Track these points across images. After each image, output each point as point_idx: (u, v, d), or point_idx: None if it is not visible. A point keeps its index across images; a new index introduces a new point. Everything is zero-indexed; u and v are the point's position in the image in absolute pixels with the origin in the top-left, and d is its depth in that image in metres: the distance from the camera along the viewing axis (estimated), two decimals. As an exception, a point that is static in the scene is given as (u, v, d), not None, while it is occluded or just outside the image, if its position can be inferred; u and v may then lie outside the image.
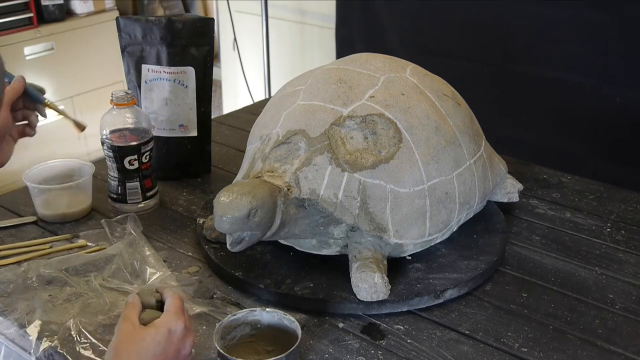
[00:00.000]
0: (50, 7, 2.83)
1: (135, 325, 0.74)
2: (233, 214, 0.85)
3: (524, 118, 2.02)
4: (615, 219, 1.15)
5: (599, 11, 1.78)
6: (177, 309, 0.76)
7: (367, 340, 0.87)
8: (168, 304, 0.77)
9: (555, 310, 0.92)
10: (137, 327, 0.74)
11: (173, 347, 0.73)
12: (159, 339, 0.73)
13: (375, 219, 0.92)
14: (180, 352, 0.74)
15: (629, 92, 1.80)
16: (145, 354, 0.72)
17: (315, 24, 2.75)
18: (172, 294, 0.78)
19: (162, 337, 0.73)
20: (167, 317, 0.75)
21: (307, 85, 1.01)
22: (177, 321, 0.74)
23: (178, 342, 0.74)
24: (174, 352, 0.73)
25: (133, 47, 1.24)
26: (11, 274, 0.98)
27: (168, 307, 0.76)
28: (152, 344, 0.72)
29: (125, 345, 0.73)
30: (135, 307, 0.77)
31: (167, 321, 0.74)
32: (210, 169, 1.32)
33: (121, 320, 0.75)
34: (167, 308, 0.76)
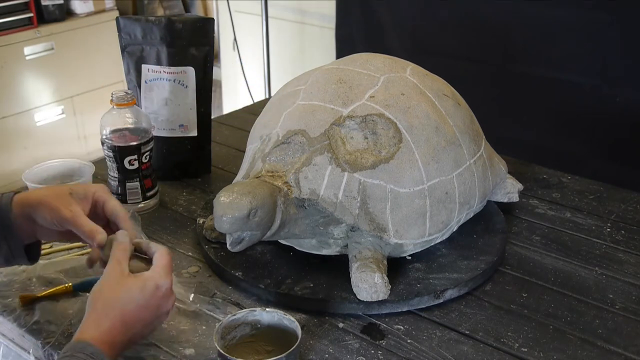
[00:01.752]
0: (50, 7, 2.84)
1: (123, 273, 0.75)
2: (233, 214, 0.85)
3: (524, 118, 2.02)
4: (615, 219, 1.15)
5: (599, 11, 1.78)
6: (165, 265, 0.77)
7: (367, 340, 0.87)
8: (156, 258, 0.78)
9: (555, 310, 0.92)
10: (125, 275, 0.75)
11: (156, 301, 0.75)
12: (145, 292, 0.74)
13: (375, 219, 0.92)
14: (162, 309, 0.76)
15: (629, 92, 1.80)
16: (129, 303, 0.73)
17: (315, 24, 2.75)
18: (160, 249, 0.79)
19: (148, 291, 0.74)
20: (156, 272, 0.76)
21: (307, 85, 1.01)
22: (166, 278, 0.76)
23: (162, 298, 0.76)
24: (155, 307, 0.75)
25: (133, 47, 1.24)
26: (11, 274, 0.98)
27: (156, 261, 0.77)
28: (137, 295, 0.74)
29: (110, 291, 0.74)
30: (126, 251, 0.77)
31: (155, 276, 0.76)
32: (210, 169, 1.32)
33: (111, 262, 0.76)
34: (156, 262, 0.77)
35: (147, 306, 0.74)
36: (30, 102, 2.84)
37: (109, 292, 0.74)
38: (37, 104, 2.87)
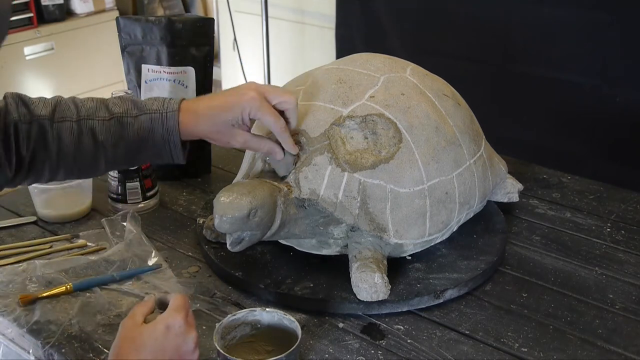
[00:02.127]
0: (50, 7, 2.84)
1: (136, 323, 0.74)
2: (233, 214, 0.85)
3: (524, 118, 2.02)
4: (615, 219, 1.15)
5: (599, 11, 1.78)
6: (177, 306, 0.75)
7: (367, 340, 0.87)
8: (171, 302, 0.77)
9: (555, 310, 0.92)
10: (137, 325, 0.74)
11: (171, 343, 0.73)
12: (156, 335, 0.73)
13: (375, 219, 0.92)
14: (181, 348, 0.73)
15: (629, 92, 1.80)
16: (143, 350, 0.72)
17: (315, 24, 2.75)
18: (175, 295, 0.78)
19: (159, 333, 0.73)
20: (166, 314, 0.75)
21: (307, 86, 1.01)
22: (175, 317, 0.74)
23: (176, 338, 0.73)
24: (173, 347, 0.73)
25: (133, 47, 1.24)
26: (11, 274, 0.98)
27: (170, 305, 0.76)
28: (149, 340, 0.72)
29: (125, 343, 0.73)
30: (145, 306, 0.77)
31: (165, 317, 0.74)
32: (210, 169, 1.32)
33: (127, 316, 0.75)
34: (169, 306, 0.76)
35: (163, 349, 0.72)
36: (30, 102, 2.84)
37: (123, 344, 0.73)
38: (37, 104, 2.86)
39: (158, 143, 0.91)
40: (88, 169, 0.92)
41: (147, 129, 0.90)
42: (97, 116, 0.90)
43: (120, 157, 0.91)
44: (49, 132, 0.88)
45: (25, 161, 0.88)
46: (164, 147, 0.91)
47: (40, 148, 0.88)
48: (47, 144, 0.88)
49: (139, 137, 0.90)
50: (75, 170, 0.92)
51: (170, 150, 0.91)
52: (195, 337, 0.75)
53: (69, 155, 0.89)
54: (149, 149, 0.91)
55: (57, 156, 0.89)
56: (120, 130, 0.90)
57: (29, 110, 0.88)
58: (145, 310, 0.76)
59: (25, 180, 0.91)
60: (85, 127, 0.89)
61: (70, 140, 0.88)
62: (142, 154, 0.92)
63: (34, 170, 0.89)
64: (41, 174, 0.90)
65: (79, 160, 0.90)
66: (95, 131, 0.89)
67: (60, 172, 0.91)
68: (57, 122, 0.89)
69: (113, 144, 0.90)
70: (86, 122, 0.89)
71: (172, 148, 0.91)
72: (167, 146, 0.91)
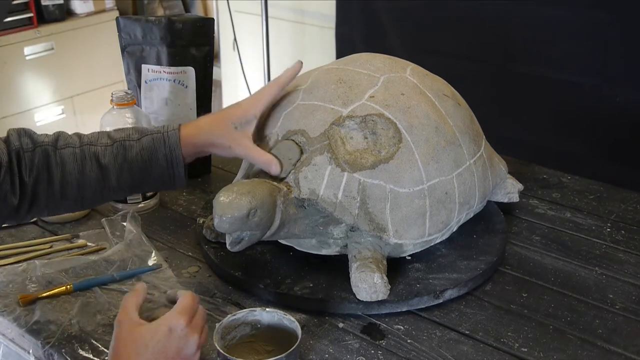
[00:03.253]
0: (50, 7, 2.83)
1: (133, 321, 0.73)
2: (233, 213, 0.85)
3: (524, 118, 2.02)
4: (615, 219, 1.15)
5: (599, 11, 1.78)
6: (182, 308, 0.75)
7: (367, 340, 0.87)
8: (177, 303, 0.76)
9: (555, 310, 0.92)
10: (135, 323, 0.73)
11: (173, 345, 0.72)
12: (158, 337, 0.72)
13: (375, 219, 0.92)
14: (183, 351, 0.73)
15: (629, 92, 1.80)
16: (145, 352, 0.71)
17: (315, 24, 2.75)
18: (185, 293, 0.77)
19: (161, 335, 0.72)
20: (170, 315, 0.74)
21: (306, 85, 1.01)
22: (179, 320, 0.73)
23: (179, 341, 0.72)
24: (174, 350, 0.72)
25: (133, 47, 1.24)
26: (11, 274, 0.98)
27: (175, 305, 0.76)
28: (151, 342, 0.71)
29: (126, 343, 0.72)
30: (136, 296, 0.76)
31: (168, 319, 0.73)
32: (210, 169, 1.32)
33: (119, 313, 0.74)
34: (174, 307, 0.75)
35: (164, 351, 0.72)
36: (30, 102, 2.84)
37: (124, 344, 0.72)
38: (37, 104, 2.87)
39: (161, 163, 0.91)
40: (92, 197, 0.91)
41: (149, 149, 0.90)
42: (99, 143, 0.90)
43: (124, 182, 0.91)
44: (52, 157, 0.88)
45: (28, 188, 0.87)
46: (167, 168, 0.91)
47: (44, 174, 0.87)
48: (50, 170, 0.87)
49: (142, 159, 0.90)
50: (79, 199, 0.90)
51: (172, 169, 0.91)
52: (197, 340, 0.74)
53: (73, 182, 0.88)
54: (153, 170, 0.91)
55: (61, 183, 0.88)
56: (124, 153, 0.90)
57: (32, 139, 0.88)
58: (138, 300, 0.75)
59: (29, 213, 0.89)
60: (89, 153, 0.89)
61: (74, 166, 0.88)
62: (146, 177, 0.91)
63: (37, 200, 0.88)
64: (44, 205, 0.88)
65: (83, 187, 0.89)
66: (98, 156, 0.89)
67: (64, 202, 0.90)
68: (60, 149, 0.88)
69: (117, 167, 0.89)
70: (89, 148, 0.89)
71: (174, 166, 0.91)
72: (170, 166, 0.91)
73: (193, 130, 0.93)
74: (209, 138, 0.93)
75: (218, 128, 0.94)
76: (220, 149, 0.94)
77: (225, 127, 0.93)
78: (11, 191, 0.85)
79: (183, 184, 0.94)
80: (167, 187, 0.94)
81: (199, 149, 0.94)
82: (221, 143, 0.93)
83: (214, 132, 0.93)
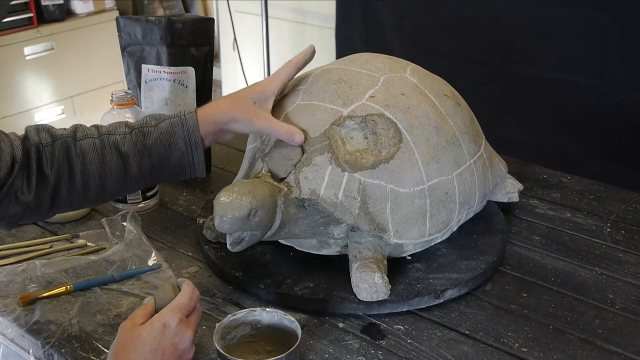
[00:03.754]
0: (50, 7, 2.83)
1: (135, 324, 0.75)
2: (233, 214, 0.85)
3: (524, 118, 2.02)
4: (615, 219, 1.15)
5: (599, 11, 1.78)
6: (177, 304, 0.76)
7: (367, 340, 0.87)
8: (175, 299, 0.78)
9: (555, 310, 0.92)
10: (135, 325, 0.75)
11: (168, 341, 0.74)
12: (154, 333, 0.73)
13: (375, 219, 0.92)
14: (179, 346, 0.74)
15: (628, 93, 1.80)
16: (142, 349, 0.72)
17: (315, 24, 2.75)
18: (185, 290, 0.78)
19: (157, 332, 0.74)
20: (164, 312, 0.76)
21: (307, 85, 1.01)
22: (172, 316, 0.75)
23: (173, 336, 0.74)
24: (170, 346, 0.74)
25: (133, 47, 1.24)
26: (11, 274, 0.98)
27: (172, 302, 0.77)
28: (147, 339, 0.73)
29: (124, 343, 0.73)
30: (146, 310, 0.77)
31: (162, 316, 0.75)
32: (210, 169, 1.32)
33: (127, 319, 0.76)
34: (171, 303, 0.77)
35: (161, 347, 0.73)
36: (30, 102, 2.84)
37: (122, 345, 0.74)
38: (37, 104, 2.87)
39: (180, 147, 0.90)
40: (114, 187, 0.90)
41: (168, 133, 0.90)
42: (117, 132, 0.90)
43: (145, 169, 0.90)
44: (72, 149, 0.87)
45: (50, 181, 0.86)
46: (187, 151, 0.91)
47: (65, 166, 0.87)
48: (71, 161, 0.87)
49: (162, 144, 0.90)
50: (101, 190, 0.89)
51: (192, 152, 0.91)
52: (191, 336, 0.76)
53: (95, 173, 0.88)
54: (173, 154, 0.90)
55: (83, 174, 0.87)
56: (143, 139, 0.89)
57: (51, 133, 0.88)
58: (146, 313, 0.77)
59: (51, 208, 0.88)
60: (108, 142, 0.89)
61: (94, 155, 0.88)
62: (166, 163, 0.91)
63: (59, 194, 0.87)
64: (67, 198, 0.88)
65: (104, 177, 0.89)
66: (118, 144, 0.89)
67: (86, 194, 0.89)
68: (79, 140, 0.88)
69: (137, 154, 0.89)
70: (108, 137, 0.89)
71: (193, 149, 0.91)
72: (189, 149, 0.91)
73: (212, 109, 0.93)
74: (229, 115, 0.93)
75: (238, 104, 0.94)
76: (241, 123, 0.93)
77: (245, 103, 0.94)
78: (26, 188, 0.85)
79: (203, 171, 0.93)
80: (188, 173, 0.93)
81: (219, 127, 0.93)
82: (242, 117, 0.92)
83: (234, 109, 0.93)
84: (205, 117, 0.92)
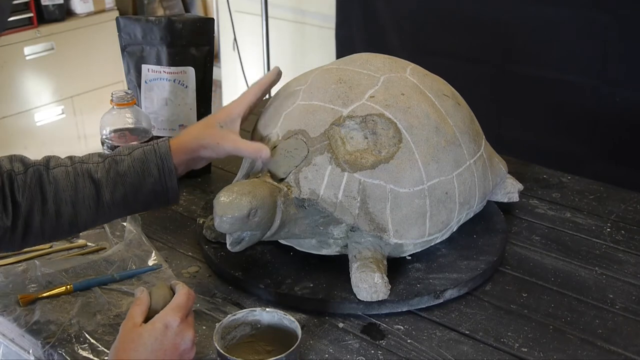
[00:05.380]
0: (50, 7, 2.83)
1: (135, 324, 0.75)
2: (233, 214, 0.85)
3: (524, 118, 2.02)
4: (615, 219, 1.15)
5: (599, 11, 1.78)
6: (176, 304, 0.76)
7: (367, 340, 0.87)
8: (172, 299, 0.78)
9: (555, 310, 0.92)
10: (136, 326, 0.75)
11: (170, 341, 0.74)
12: (155, 334, 0.73)
13: (375, 219, 0.92)
14: (180, 347, 0.75)
15: (628, 93, 1.80)
16: (144, 350, 0.73)
17: (315, 24, 2.75)
18: (181, 291, 0.78)
19: (158, 333, 0.74)
20: (165, 313, 0.76)
21: (306, 85, 1.01)
22: (174, 316, 0.75)
23: (175, 337, 0.74)
24: (171, 346, 0.74)
25: (133, 47, 1.24)
26: (11, 274, 0.98)
27: (171, 302, 0.77)
28: (149, 340, 0.73)
29: (125, 344, 0.73)
30: (142, 304, 0.77)
31: (163, 316, 0.75)
32: (210, 169, 1.32)
33: (126, 318, 0.76)
34: (170, 304, 0.77)
35: (162, 348, 0.73)
36: (30, 102, 2.84)
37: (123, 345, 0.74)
38: (37, 104, 2.87)
39: (153, 173, 0.90)
40: (87, 216, 0.89)
41: (141, 160, 0.90)
42: (91, 161, 0.90)
43: (118, 197, 0.89)
44: (44, 176, 0.87)
45: (22, 209, 0.86)
46: (160, 178, 0.91)
47: (37, 194, 0.86)
48: (43, 189, 0.87)
49: (135, 171, 0.90)
50: (74, 219, 0.89)
51: (165, 179, 0.91)
52: (192, 336, 0.76)
53: (67, 200, 0.88)
54: (147, 181, 0.90)
55: (55, 201, 0.87)
56: (116, 167, 0.89)
57: (23, 162, 0.88)
58: (143, 310, 0.77)
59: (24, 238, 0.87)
60: (81, 170, 0.89)
61: (67, 183, 0.88)
62: (140, 190, 0.90)
63: (31, 223, 0.87)
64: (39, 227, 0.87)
65: (77, 205, 0.88)
66: (90, 172, 0.89)
67: (59, 223, 0.88)
68: (52, 169, 0.88)
69: (110, 181, 0.89)
70: (81, 166, 0.89)
71: (166, 176, 0.91)
72: (162, 175, 0.91)
73: (182, 137, 0.95)
74: (198, 141, 0.94)
75: (205, 130, 0.96)
76: (210, 149, 0.94)
77: (211, 128, 0.96)
78: (3, 212, 0.85)
79: (177, 198, 0.94)
80: (162, 202, 0.93)
81: (190, 154, 0.94)
82: (209, 143, 0.94)
83: (201, 135, 0.95)
84: (177, 146, 0.93)
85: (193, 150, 0.94)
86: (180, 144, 0.93)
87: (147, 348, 0.73)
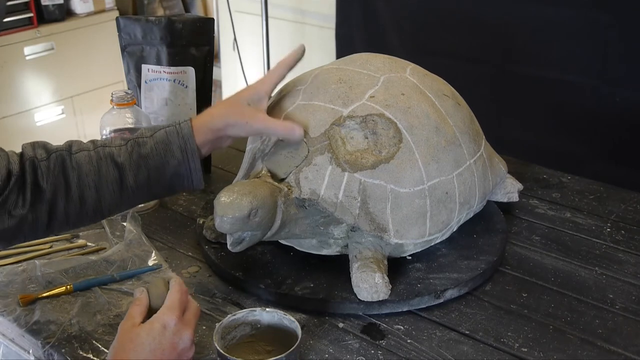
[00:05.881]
0: (50, 7, 2.83)
1: (134, 324, 0.75)
2: (233, 214, 0.85)
3: (524, 118, 2.02)
4: (615, 219, 1.15)
5: (599, 11, 1.78)
6: (172, 303, 0.76)
7: (367, 340, 0.87)
8: (167, 297, 0.77)
9: (555, 310, 0.92)
10: (135, 326, 0.75)
11: (168, 341, 0.74)
12: (153, 334, 0.73)
13: (375, 219, 0.92)
14: (178, 346, 0.74)
15: (628, 93, 1.80)
16: (142, 350, 0.73)
17: (315, 24, 2.75)
18: (174, 288, 0.78)
19: (156, 333, 0.74)
20: (162, 313, 0.75)
21: (306, 85, 1.01)
22: (170, 316, 0.75)
23: (173, 336, 0.74)
24: (170, 346, 0.74)
25: (133, 47, 1.24)
26: (11, 274, 0.98)
27: (165, 302, 0.77)
28: (147, 340, 0.73)
29: (123, 344, 0.73)
30: (141, 305, 0.77)
31: (160, 316, 0.75)
32: (210, 169, 1.32)
33: (125, 318, 0.76)
34: (165, 303, 0.77)
35: (161, 348, 0.73)
36: (30, 102, 2.84)
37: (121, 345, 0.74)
38: (37, 104, 2.87)
39: (176, 155, 0.89)
40: (111, 200, 0.89)
41: (164, 142, 0.89)
42: (113, 144, 0.90)
43: (142, 180, 0.89)
44: (67, 161, 0.87)
45: (46, 195, 0.85)
46: (183, 160, 0.90)
47: (60, 179, 0.86)
48: (66, 174, 0.86)
49: (158, 153, 0.89)
50: (98, 204, 0.88)
51: (188, 161, 0.90)
52: (191, 335, 0.76)
53: (91, 185, 0.87)
54: (170, 164, 0.89)
55: (79, 187, 0.86)
56: (139, 149, 0.89)
57: (46, 149, 0.88)
58: (142, 310, 0.77)
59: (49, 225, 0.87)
60: (103, 154, 0.88)
61: (90, 167, 0.87)
62: (163, 173, 0.90)
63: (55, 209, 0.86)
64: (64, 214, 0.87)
65: (101, 190, 0.87)
66: (113, 155, 0.88)
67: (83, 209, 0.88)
68: (74, 154, 0.88)
69: (133, 165, 0.88)
70: (103, 150, 0.89)
71: (190, 157, 0.89)
72: (185, 158, 0.89)
73: (206, 117, 0.93)
74: (225, 119, 0.92)
75: (232, 108, 0.93)
76: (238, 127, 0.92)
77: (239, 106, 0.93)
78: (21, 202, 0.84)
79: (200, 181, 0.92)
80: (185, 184, 0.92)
81: (216, 134, 0.92)
82: (238, 120, 0.92)
83: (228, 113, 0.92)
84: (200, 125, 0.91)
85: (219, 130, 0.92)
86: (204, 124, 0.91)
87: (145, 348, 0.73)
